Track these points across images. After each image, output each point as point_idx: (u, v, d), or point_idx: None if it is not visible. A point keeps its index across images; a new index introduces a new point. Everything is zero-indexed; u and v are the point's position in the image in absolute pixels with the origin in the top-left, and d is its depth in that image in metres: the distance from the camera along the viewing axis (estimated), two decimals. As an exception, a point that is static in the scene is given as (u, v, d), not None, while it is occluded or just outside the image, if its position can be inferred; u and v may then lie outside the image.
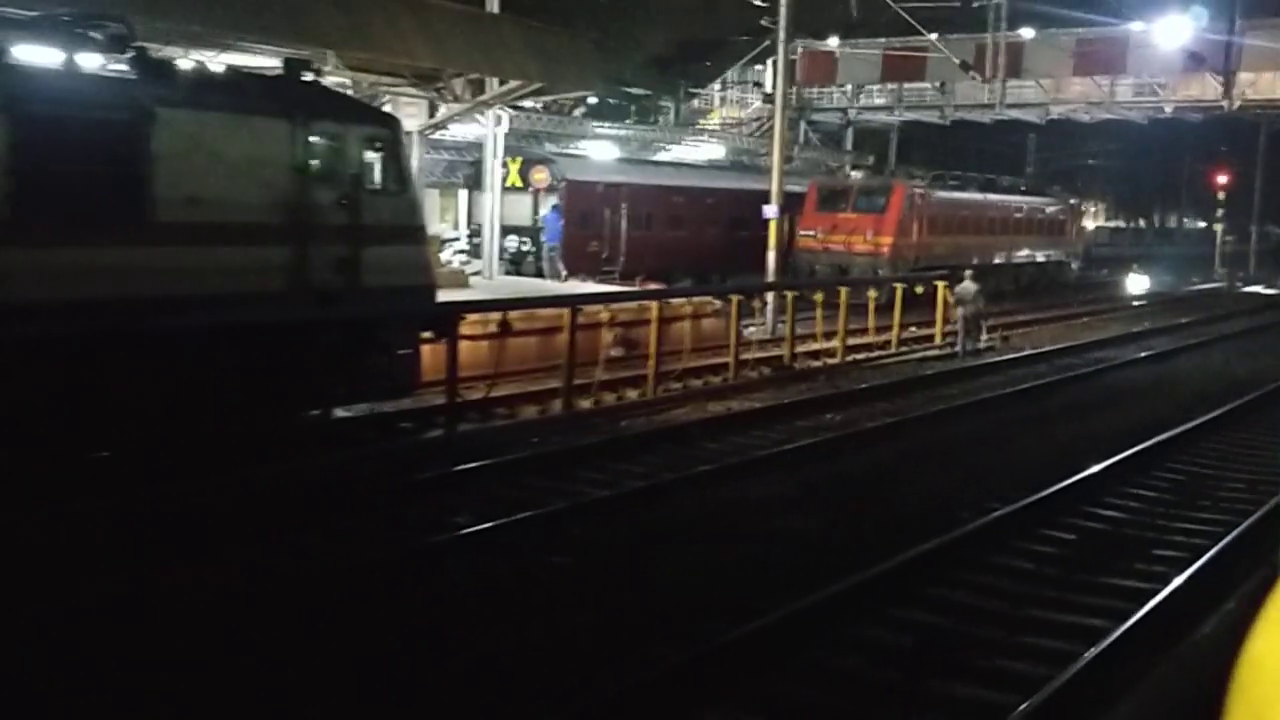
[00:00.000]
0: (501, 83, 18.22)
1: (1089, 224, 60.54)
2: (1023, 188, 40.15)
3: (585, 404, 13.64)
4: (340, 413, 12.00)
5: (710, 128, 42.75)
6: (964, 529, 8.26)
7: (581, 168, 27.44)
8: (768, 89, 47.80)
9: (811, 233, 29.84)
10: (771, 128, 45.25)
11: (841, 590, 6.79)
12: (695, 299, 19.00)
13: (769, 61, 46.81)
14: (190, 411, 10.09)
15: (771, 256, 23.12)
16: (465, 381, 13.06)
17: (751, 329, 20.61)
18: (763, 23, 26.78)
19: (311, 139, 10.89)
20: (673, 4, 42.74)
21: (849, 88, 45.77)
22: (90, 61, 10.07)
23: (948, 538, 7.94)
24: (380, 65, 16.43)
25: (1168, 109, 39.86)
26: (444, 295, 12.82)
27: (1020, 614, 6.93)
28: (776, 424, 12.84)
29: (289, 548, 7.88)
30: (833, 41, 45.36)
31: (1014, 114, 42.03)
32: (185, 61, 11.64)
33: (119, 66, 10.33)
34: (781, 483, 10.13)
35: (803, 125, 45.26)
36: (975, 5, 39.99)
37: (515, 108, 23.03)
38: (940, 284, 20.75)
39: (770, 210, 23.18)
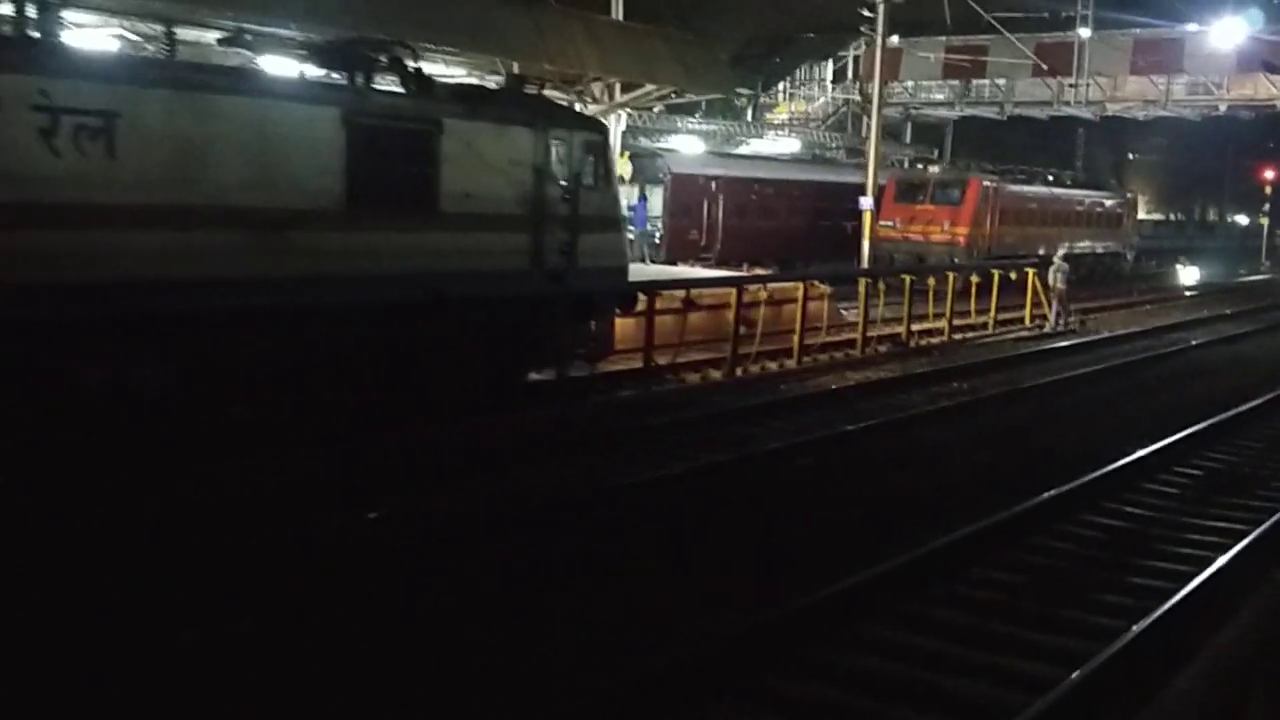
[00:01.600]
0: (633, 86, 20.36)
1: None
2: (1080, 182, 41.93)
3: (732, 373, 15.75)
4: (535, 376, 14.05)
5: (778, 121, 44.80)
6: (1114, 464, 10.33)
7: (682, 162, 29.55)
8: (832, 85, 49.91)
9: (891, 223, 31.84)
10: (839, 121, 47.24)
11: (1041, 501, 8.93)
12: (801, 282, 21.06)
13: (843, 58, 48.86)
14: (458, 366, 12.35)
15: (866, 245, 25.22)
16: (629, 352, 15.23)
17: (849, 312, 22.65)
18: (862, 30, 28.69)
19: (548, 144, 13.08)
20: (744, 2, 44.71)
21: (910, 84, 47.66)
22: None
23: (1108, 468, 10.05)
24: (532, 70, 18.56)
25: (1222, 107, 41.62)
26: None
27: (1182, 520, 9.04)
28: (915, 389, 14.96)
29: (554, 472, 9.91)
30: (895, 40, 47.19)
31: (1071, 111, 43.93)
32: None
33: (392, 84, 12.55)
34: (944, 433, 12.27)
35: (864, 119, 47.22)
36: (1045, 18, 41.55)
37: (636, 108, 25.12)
38: (1031, 270, 22.75)
39: (866, 202, 25.27)
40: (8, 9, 10.23)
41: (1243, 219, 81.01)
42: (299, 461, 9.60)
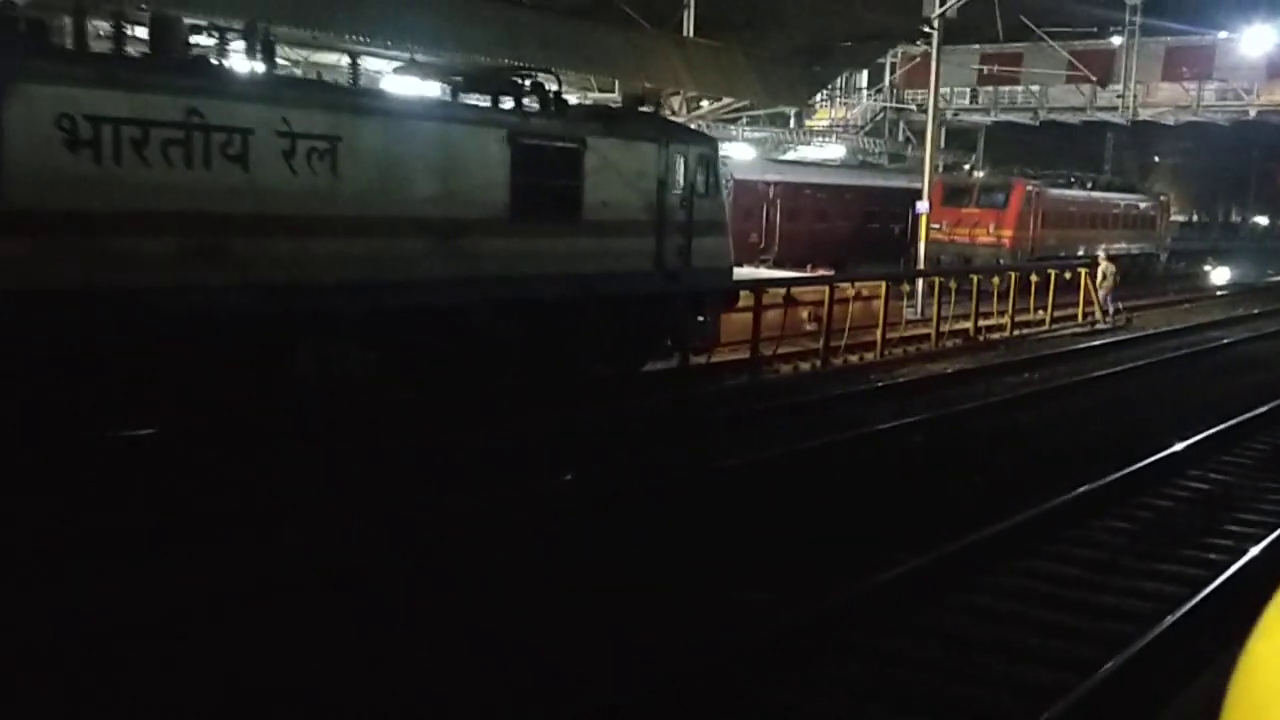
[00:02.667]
0: (710, 99, 21.93)
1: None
2: (1115, 186, 43.28)
3: (825, 364, 17.25)
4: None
5: (818, 127, 46.24)
6: (1196, 437, 11.77)
7: (742, 169, 31.04)
8: (868, 92, 51.32)
9: (937, 226, 33.14)
10: (876, 128, 48.57)
11: (1138, 468, 10.40)
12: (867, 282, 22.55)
13: (880, 66, 50.25)
14: (596, 356, 13.88)
15: (922, 247, 26.64)
16: (732, 345, 16.75)
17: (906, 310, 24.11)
18: (920, 45, 30.11)
19: (669, 157, 14.58)
20: (786, 13, 46.20)
21: (945, 90, 49.04)
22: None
23: (1190, 441, 11.50)
24: (630, 88, 20.12)
25: (1251, 112, 42.92)
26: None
27: (1259, 485, 10.49)
28: (992, 379, 16.42)
29: (699, 447, 11.42)
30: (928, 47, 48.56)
31: (1104, 116, 45.29)
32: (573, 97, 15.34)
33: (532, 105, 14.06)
34: (1031, 415, 13.73)
35: (901, 125, 48.73)
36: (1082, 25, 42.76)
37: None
38: (1083, 270, 24.18)
39: (922, 206, 26.69)
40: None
41: (1263, 220, 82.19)
42: (479, 437, 11.14)
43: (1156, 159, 75.15)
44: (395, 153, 11.34)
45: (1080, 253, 33.89)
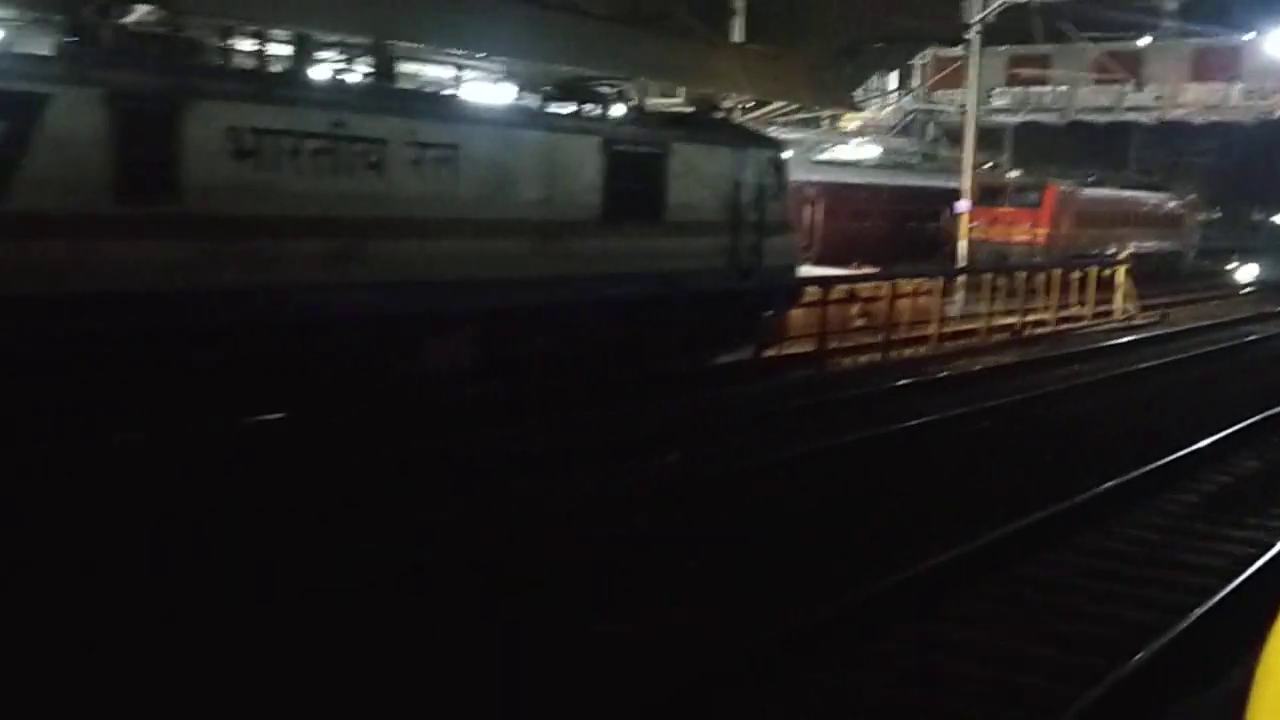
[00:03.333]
0: (762, 103, 22.85)
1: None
2: (1144, 185, 44.03)
3: (885, 357, 18.14)
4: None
5: (849, 129, 47.10)
6: (1243, 424, 12.63)
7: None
8: (899, 93, 52.13)
9: (973, 224, 34.06)
10: (907, 128, 49.39)
11: (1200, 447, 11.29)
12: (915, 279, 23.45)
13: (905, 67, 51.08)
14: (676, 349, 14.82)
15: (962, 245, 27.52)
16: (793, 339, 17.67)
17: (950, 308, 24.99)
18: (960, 50, 30.98)
19: (742, 161, 15.51)
20: (825, 17, 47.09)
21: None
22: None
23: (1239, 426, 12.37)
24: (693, 93, 21.04)
25: (1277, 112, 43.64)
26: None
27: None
28: (1043, 371, 17.27)
29: (781, 433, 12.34)
30: (959, 50, 49.41)
31: (1132, 117, 46.04)
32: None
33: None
34: (1086, 404, 14.60)
35: (930, 125, 49.58)
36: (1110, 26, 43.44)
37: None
38: (1121, 268, 25.02)
39: (963, 205, 27.58)
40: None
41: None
42: (574, 425, 12.06)
43: (1182, 158, 75.81)
44: (505, 160, 12.31)
45: (1111, 251, 34.67)
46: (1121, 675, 5.80)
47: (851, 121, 49.99)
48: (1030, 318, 22.06)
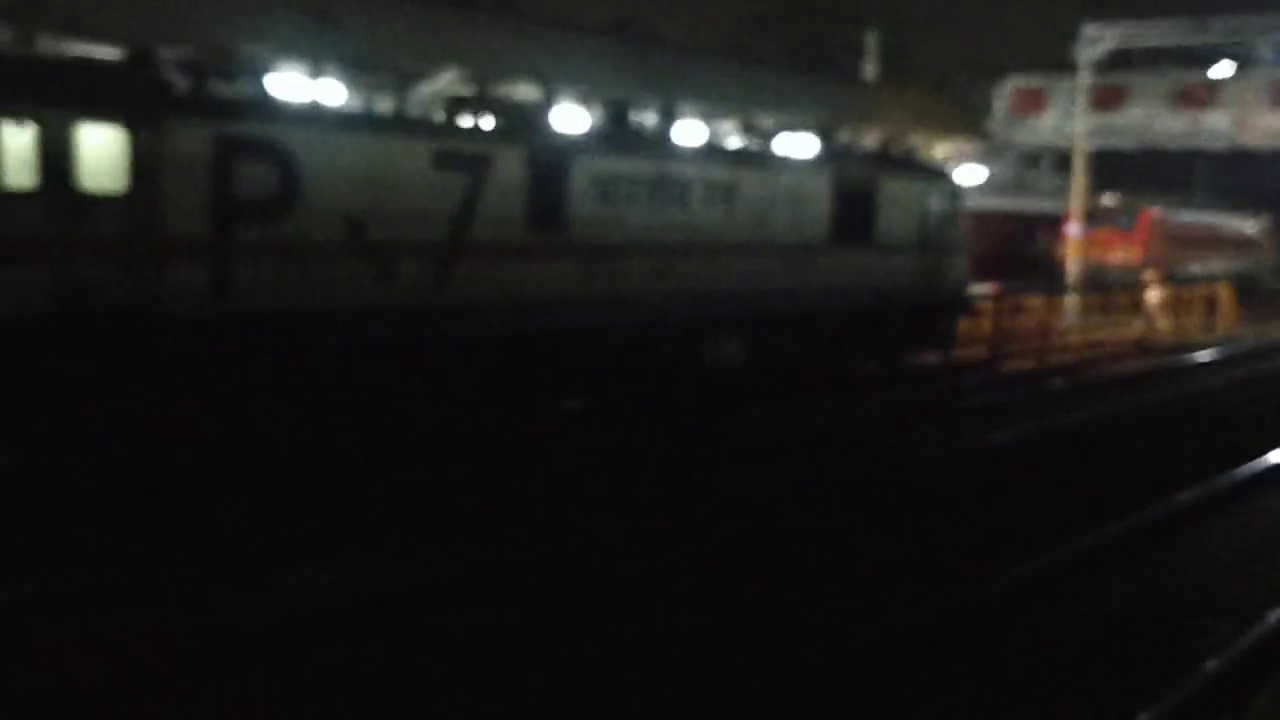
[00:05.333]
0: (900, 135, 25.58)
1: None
2: (1225, 209, 46.36)
3: (1042, 361, 20.78)
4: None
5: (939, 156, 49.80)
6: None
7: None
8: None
9: (1069, 246, 36.63)
10: (989, 154, 51.75)
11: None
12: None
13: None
14: (882, 351, 17.59)
15: (1073, 266, 30.12)
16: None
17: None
18: (1077, 80, 33.61)
19: (928, 191, 18.28)
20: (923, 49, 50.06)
21: (1055, 118, 52.40)
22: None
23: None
24: (859, 132, 23.90)
25: (1349, 141, 45.90)
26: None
27: None
28: (1187, 375, 19.84)
29: (993, 421, 15.04)
30: (1039, 80, 52.10)
31: (1208, 144, 48.44)
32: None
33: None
34: (1239, 398, 17.20)
35: (1011, 153, 52.16)
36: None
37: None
38: (1224, 287, 27.52)
39: (1074, 229, 30.19)
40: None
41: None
42: (814, 411, 14.83)
43: (1251, 183, 77.69)
44: (765, 194, 15.14)
45: (1195, 269, 37.22)
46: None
47: (940, 148, 52.82)
48: (1148, 330, 24.64)
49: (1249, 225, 45.21)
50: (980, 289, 22.60)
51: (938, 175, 18.96)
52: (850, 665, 6.39)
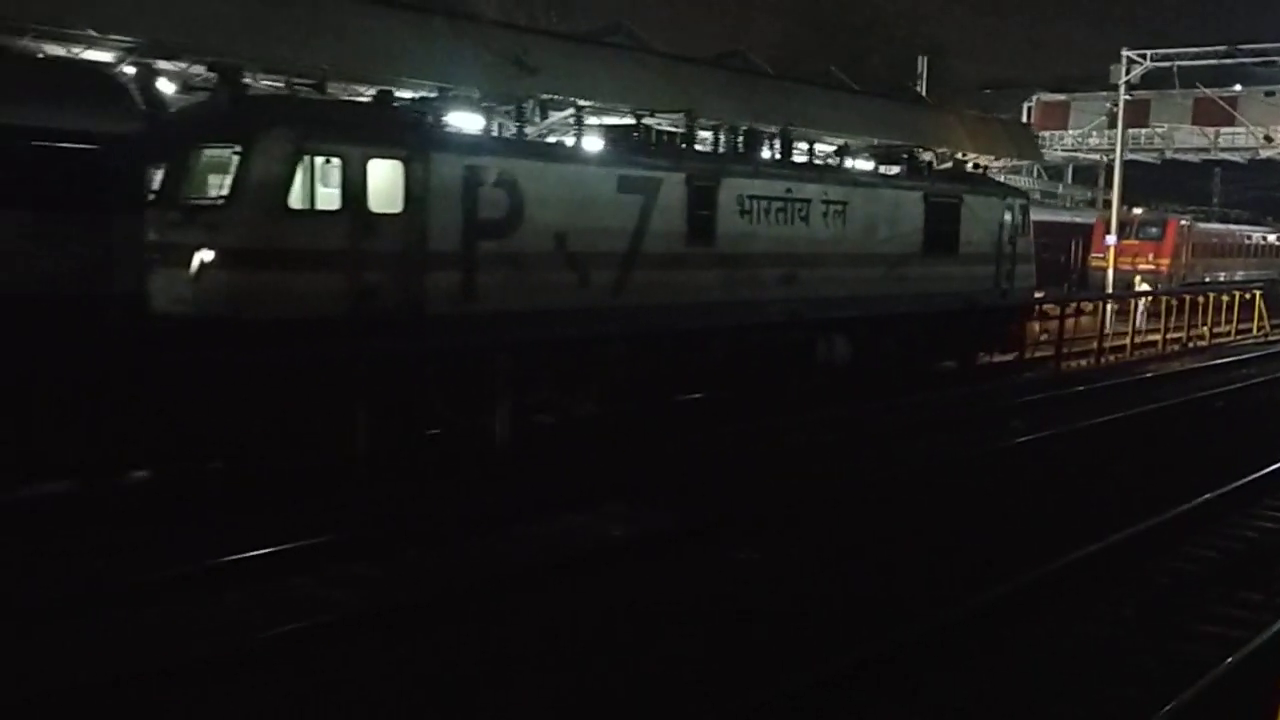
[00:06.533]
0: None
1: None
2: (1247, 219, 48.34)
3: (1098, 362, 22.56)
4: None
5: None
6: None
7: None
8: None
9: (1100, 255, 38.46)
10: (1012, 170, 53.65)
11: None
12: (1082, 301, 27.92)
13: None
14: (945, 351, 19.42)
15: (1110, 274, 31.94)
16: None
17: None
18: (1122, 99, 35.41)
19: (1003, 206, 20.09)
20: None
21: (1076, 133, 54.40)
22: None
23: None
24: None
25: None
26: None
27: None
28: (1225, 372, 21.62)
29: (1072, 408, 16.80)
30: (1062, 95, 54.23)
31: (1226, 156, 50.37)
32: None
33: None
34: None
35: (1036, 167, 54.12)
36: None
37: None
38: (1258, 292, 29.34)
39: (1110, 239, 32.01)
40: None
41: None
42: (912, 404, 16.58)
43: (1267, 194, 79.67)
44: (870, 210, 16.96)
45: (1220, 277, 39.07)
46: None
47: (969, 161, 54.76)
48: (1179, 334, 26.45)
49: (1272, 234, 47.11)
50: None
51: (1012, 191, 20.79)
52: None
